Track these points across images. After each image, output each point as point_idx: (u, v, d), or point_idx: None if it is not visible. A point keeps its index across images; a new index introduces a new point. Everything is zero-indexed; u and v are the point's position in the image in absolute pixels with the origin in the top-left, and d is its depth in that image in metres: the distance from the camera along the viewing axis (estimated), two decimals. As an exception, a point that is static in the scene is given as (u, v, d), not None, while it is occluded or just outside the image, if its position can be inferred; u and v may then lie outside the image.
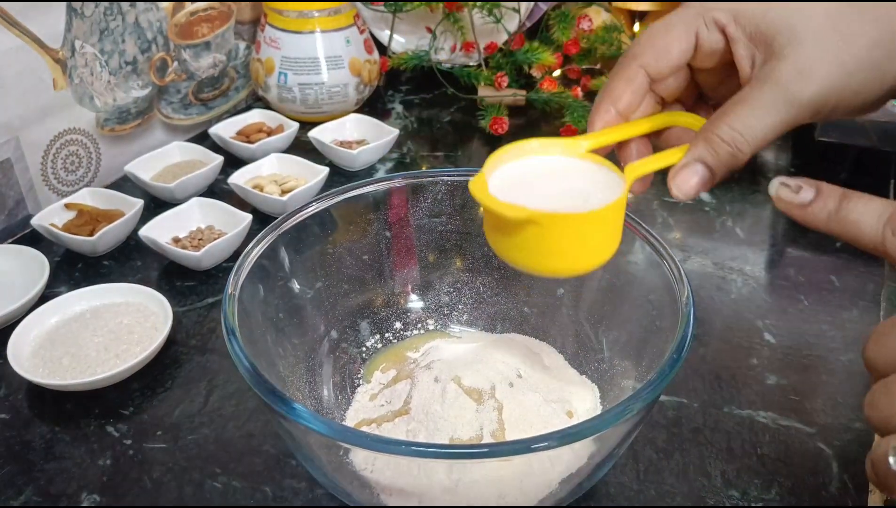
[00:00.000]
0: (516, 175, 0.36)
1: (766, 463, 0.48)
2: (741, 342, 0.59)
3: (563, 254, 0.34)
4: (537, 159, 0.37)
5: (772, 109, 0.32)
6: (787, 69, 0.32)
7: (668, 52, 0.35)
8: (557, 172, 0.37)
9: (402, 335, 0.56)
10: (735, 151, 0.33)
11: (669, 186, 0.34)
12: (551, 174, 0.36)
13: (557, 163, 0.37)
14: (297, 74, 0.91)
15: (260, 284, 0.46)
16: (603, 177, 0.36)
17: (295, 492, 0.47)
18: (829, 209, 0.31)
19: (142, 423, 0.52)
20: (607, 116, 0.37)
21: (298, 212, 0.50)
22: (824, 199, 0.31)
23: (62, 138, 0.76)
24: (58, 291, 0.64)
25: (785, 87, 0.32)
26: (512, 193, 0.34)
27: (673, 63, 0.35)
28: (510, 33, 1.01)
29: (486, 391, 0.44)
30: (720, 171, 0.34)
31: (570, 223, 0.33)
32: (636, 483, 0.47)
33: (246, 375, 0.38)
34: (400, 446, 0.35)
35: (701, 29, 0.35)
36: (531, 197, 0.34)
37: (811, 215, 0.31)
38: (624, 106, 0.37)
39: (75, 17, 0.74)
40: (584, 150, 0.37)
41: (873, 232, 0.30)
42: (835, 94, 0.32)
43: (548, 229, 0.33)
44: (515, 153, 0.37)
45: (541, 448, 0.33)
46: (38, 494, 0.47)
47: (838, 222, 0.31)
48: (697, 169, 0.34)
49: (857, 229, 0.30)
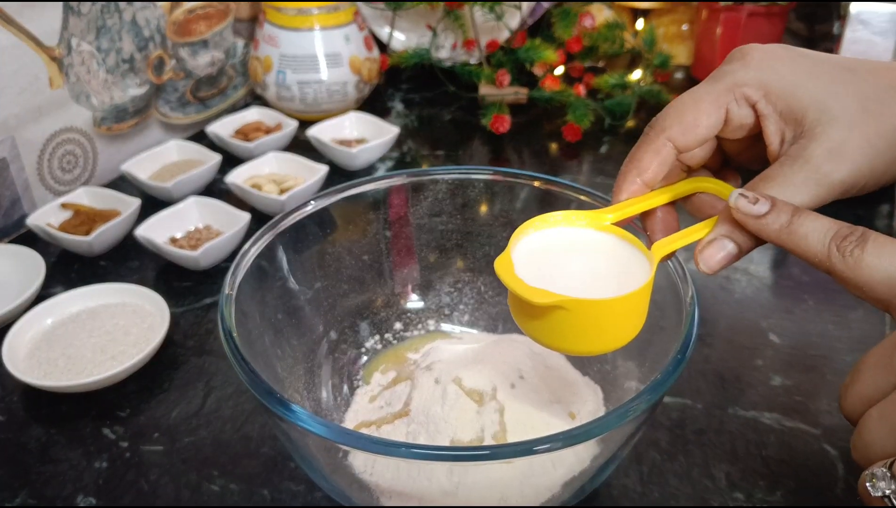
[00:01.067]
0: (541, 249, 0.36)
1: (770, 465, 0.48)
2: (745, 342, 0.58)
3: (589, 336, 0.34)
4: (562, 231, 0.37)
5: (803, 188, 0.33)
6: (820, 149, 0.32)
7: (696, 127, 0.36)
8: (582, 247, 0.37)
9: (402, 335, 0.55)
10: (763, 227, 0.33)
11: (696, 261, 0.35)
12: (576, 250, 0.36)
13: (582, 236, 0.37)
14: (296, 71, 0.90)
15: (258, 284, 0.46)
16: (628, 254, 0.36)
17: (293, 495, 0.46)
18: (781, 222, 0.32)
19: (138, 425, 0.51)
20: (633, 187, 0.37)
21: (297, 211, 0.49)
22: (777, 212, 0.32)
23: (58, 137, 0.75)
24: (54, 291, 0.63)
25: (817, 167, 0.33)
26: (538, 271, 0.34)
27: (700, 137, 0.36)
28: (511, 31, 1.00)
29: (487, 392, 0.43)
30: (747, 247, 0.34)
31: (596, 309, 0.33)
32: (640, 485, 0.46)
33: (243, 376, 0.37)
34: (400, 448, 0.34)
35: (731, 104, 0.35)
36: (557, 278, 0.34)
37: (764, 226, 0.32)
38: (650, 177, 0.37)
39: (72, 14, 0.73)
40: (610, 222, 0.37)
41: (820, 247, 0.31)
42: (865, 174, 0.33)
43: (574, 314, 0.33)
44: (540, 225, 0.37)
45: (543, 449, 0.33)
46: (33, 497, 0.46)
47: (788, 235, 0.32)
48: (725, 244, 0.34)
49: (805, 242, 0.31)
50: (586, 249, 0.36)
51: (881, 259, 0.30)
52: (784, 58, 0.35)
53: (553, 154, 0.89)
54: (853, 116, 0.33)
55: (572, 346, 0.35)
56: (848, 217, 0.32)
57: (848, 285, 0.31)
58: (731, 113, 0.35)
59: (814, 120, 0.33)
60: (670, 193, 0.37)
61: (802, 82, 0.34)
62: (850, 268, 0.30)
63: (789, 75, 0.34)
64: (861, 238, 0.30)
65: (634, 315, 0.35)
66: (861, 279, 0.30)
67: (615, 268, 0.35)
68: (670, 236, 0.36)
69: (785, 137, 0.34)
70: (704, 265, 0.35)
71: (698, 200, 0.39)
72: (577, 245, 0.36)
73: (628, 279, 0.34)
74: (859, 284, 0.30)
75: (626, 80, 0.96)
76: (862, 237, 0.30)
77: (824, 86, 0.34)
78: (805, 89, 0.34)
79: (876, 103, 0.33)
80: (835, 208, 0.68)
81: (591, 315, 0.33)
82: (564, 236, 0.37)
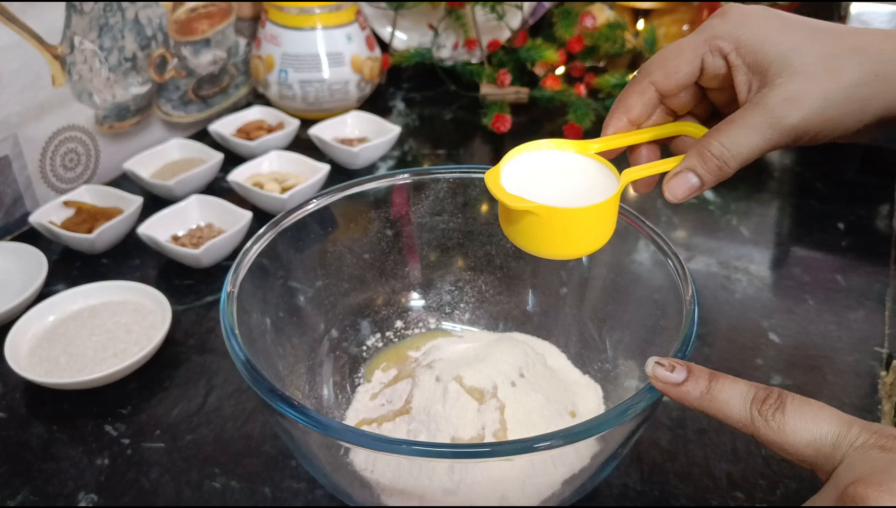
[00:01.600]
0: (528, 167, 0.40)
1: (771, 465, 0.48)
2: (746, 342, 0.58)
3: (557, 241, 0.38)
4: (550, 154, 0.41)
5: (757, 130, 0.36)
6: (777, 97, 0.35)
7: (677, 73, 0.39)
8: (564, 168, 0.40)
9: (404, 333, 0.55)
10: (721, 164, 0.37)
11: (664, 190, 0.38)
12: (559, 169, 0.40)
13: (567, 159, 0.41)
14: (298, 70, 0.90)
15: (259, 282, 0.46)
16: (603, 177, 0.40)
17: (294, 493, 0.46)
18: (701, 389, 0.34)
19: (140, 423, 0.52)
20: (619, 124, 0.41)
21: (298, 209, 0.49)
22: (695, 379, 0.34)
23: (61, 135, 0.75)
24: (56, 289, 0.63)
25: (772, 112, 0.35)
26: (521, 184, 0.39)
27: (680, 82, 0.39)
28: (513, 30, 1.00)
29: (488, 390, 0.43)
30: (708, 180, 0.37)
31: (563, 216, 0.37)
32: (640, 483, 0.46)
33: (245, 374, 0.37)
34: (401, 445, 0.34)
35: (706, 55, 0.38)
36: (534, 189, 0.38)
37: (685, 394, 0.34)
38: (635, 116, 0.40)
39: (74, 13, 0.73)
40: (594, 151, 0.41)
41: (741, 412, 0.33)
42: (817, 123, 0.35)
43: (544, 220, 0.37)
44: (531, 148, 0.41)
45: (543, 447, 0.33)
46: (34, 494, 0.46)
47: (710, 402, 0.34)
48: (688, 178, 0.38)
49: (727, 408, 0.33)
50: (567, 170, 0.40)
51: (803, 422, 0.31)
52: (760, 16, 0.38)
53: (554, 154, 0.89)
54: (812, 71, 0.35)
55: (543, 249, 0.39)
56: (848, 217, 0.32)
57: (773, 448, 0.32)
58: (706, 63, 0.38)
59: (776, 72, 0.36)
60: (654, 132, 0.41)
61: (771, 38, 0.36)
62: (775, 433, 0.32)
63: (760, 32, 0.37)
64: (779, 401, 0.32)
65: (598, 227, 0.39)
66: (787, 444, 0.32)
67: (588, 186, 0.39)
68: (641, 165, 0.40)
69: (752, 87, 0.37)
70: (670, 194, 0.38)
71: (681, 141, 0.42)
72: (560, 166, 0.40)
73: (597, 196, 0.38)
74: (785, 447, 0.32)
75: (627, 80, 0.95)
76: (780, 400, 0.32)
77: (791, 43, 0.36)
78: (773, 45, 0.36)
79: (836, 61, 0.35)
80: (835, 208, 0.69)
81: (559, 222, 0.37)
82: (551, 158, 0.41)
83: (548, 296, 0.55)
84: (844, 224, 0.72)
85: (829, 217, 0.73)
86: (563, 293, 0.54)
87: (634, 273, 0.49)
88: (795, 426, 0.31)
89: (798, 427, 0.31)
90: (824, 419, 0.31)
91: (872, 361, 0.56)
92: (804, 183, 0.81)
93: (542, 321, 0.54)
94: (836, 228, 0.72)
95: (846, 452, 0.30)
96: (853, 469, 0.29)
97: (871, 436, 0.30)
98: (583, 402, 0.47)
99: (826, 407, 0.32)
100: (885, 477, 0.28)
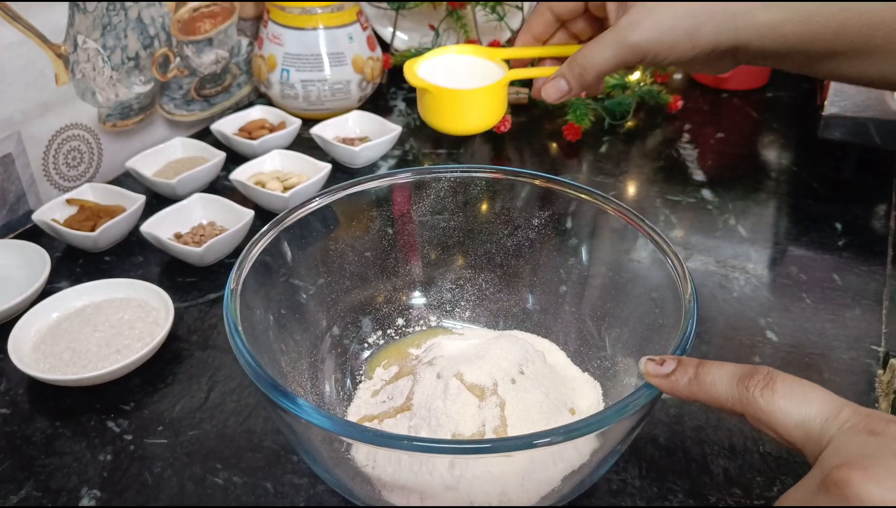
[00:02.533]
0: (443, 62, 0.50)
1: (768, 461, 0.48)
2: (744, 340, 0.59)
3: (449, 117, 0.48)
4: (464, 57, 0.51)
5: (609, 46, 0.43)
6: (624, 21, 0.43)
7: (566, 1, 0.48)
8: (470, 66, 0.50)
9: (405, 331, 0.56)
10: (582, 71, 0.44)
11: (542, 93, 0.46)
12: (465, 67, 0.50)
13: (476, 61, 0.50)
14: (300, 70, 0.91)
15: (262, 280, 0.46)
16: (497, 73, 0.49)
17: (296, 488, 0.47)
18: (689, 376, 0.35)
19: (142, 418, 0.52)
20: (525, 38, 0.50)
21: (300, 208, 0.50)
22: (684, 368, 0.36)
23: (64, 134, 0.75)
24: (59, 286, 0.64)
25: (620, 32, 0.43)
26: (431, 72, 0.49)
27: (569, 8, 0.48)
28: (513, 31, 1.01)
29: (488, 387, 0.43)
30: (574, 86, 0.45)
31: (451, 95, 0.47)
32: (638, 479, 0.47)
33: (248, 370, 0.38)
34: (402, 441, 0.35)
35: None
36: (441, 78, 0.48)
37: (674, 383, 0.36)
38: (537, 33, 0.49)
39: (78, 12, 0.74)
40: (500, 58, 0.50)
41: (730, 391, 0.33)
42: (654, 45, 0.42)
43: (437, 98, 0.47)
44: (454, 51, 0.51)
45: (543, 443, 0.33)
46: (38, 489, 0.47)
47: (698, 386, 0.35)
48: (559, 83, 0.46)
49: (714, 389, 0.34)
50: (472, 67, 0.50)
51: (793, 402, 0.31)
52: None
53: (553, 153, 0.89)
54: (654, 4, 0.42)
55: (439, 124, 0.48)
56: (845, 216, 0.32)
57: (763, 427, 0.32)
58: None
59: (631, 4, 0.43)
60: (555, 50, 0.50)
61: None
62: (764, 410, 0.32)
63: None
64: (768, 377, 0.32)
65: (482, 108, 0.48)
66: (775, 422, 0.32)
67: (483, 78, 0.48)
68: (528, 68, 0.50)
69: (617, 15, 0.44)
70: (545, 94, 0.46)
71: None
72: (469, 65, 0.50)
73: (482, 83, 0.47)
74: (773, 426, 0.32)
75: (626, 80, 0.96)
76: (769, 376, 0.32)
77: None
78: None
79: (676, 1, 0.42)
80: (832, 208, 0.69)
81: (448, 100, 0.47)
82: (464, 59, 0.51)
83: (547, 294, 0.55)
84: (841, 224, 0.73)
85: (825, 217, 0.74)
86: (562, 291, 0.54)
87: (633, 271, 0.49)
88: (784, 407, 0.31)
89: (787, 408, 0.31)
90: (814, 400, 0.31)
91: (869, 359, 0.57)
92: (801, 183, 0.81)
93: (541, 319, 0.55)
94: (832, 227, 0.72)
95: (833, 435, 0.30)
96: (839, 453, 0.29)
97: (862, 419, 0.30)
98: (582, 399, 0.48)
99: (817, 388, 0.32)
100: (871, 462, 0.27)
